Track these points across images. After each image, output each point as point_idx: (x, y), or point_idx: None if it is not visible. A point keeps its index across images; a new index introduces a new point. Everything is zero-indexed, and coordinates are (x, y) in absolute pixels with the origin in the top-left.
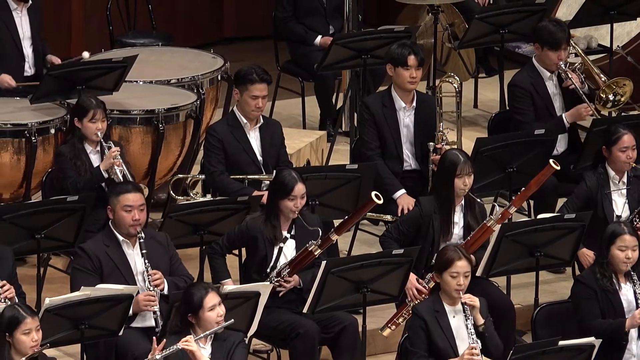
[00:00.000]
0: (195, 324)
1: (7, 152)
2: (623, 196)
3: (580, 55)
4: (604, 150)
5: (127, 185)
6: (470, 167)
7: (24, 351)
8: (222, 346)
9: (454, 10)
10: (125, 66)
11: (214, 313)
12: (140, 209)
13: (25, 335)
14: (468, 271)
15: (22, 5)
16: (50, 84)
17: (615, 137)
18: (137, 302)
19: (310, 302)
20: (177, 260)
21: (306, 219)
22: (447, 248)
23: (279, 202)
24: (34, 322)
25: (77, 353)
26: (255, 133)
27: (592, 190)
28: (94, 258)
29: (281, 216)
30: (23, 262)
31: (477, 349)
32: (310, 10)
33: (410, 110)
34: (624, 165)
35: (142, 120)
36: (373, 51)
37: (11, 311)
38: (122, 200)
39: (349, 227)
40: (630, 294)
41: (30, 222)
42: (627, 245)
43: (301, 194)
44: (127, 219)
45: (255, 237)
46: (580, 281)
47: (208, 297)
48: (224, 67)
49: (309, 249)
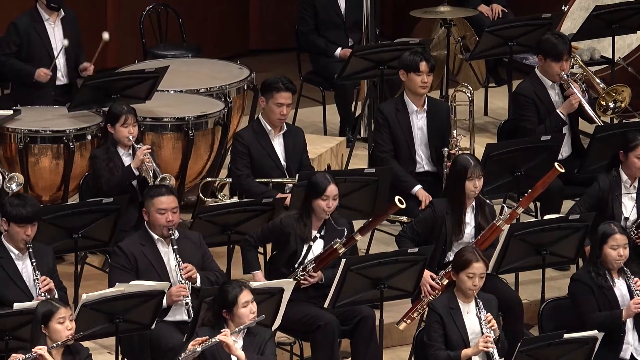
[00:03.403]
0: (229, 319)
1: (46, 157)
2: (633, 200)
3: (581, 65)
4: (620, 155)
5: (161, 188)
6: (480, 170)
7: (60, 339)
8: (253, 341)
9: (466, 24)
10: (157, 76)
11: (247, 309)
12: (174, 211)
13: (60, 324)
14: (483, 272)
15: (54, 16)
16: (87, 93)
17: (633, 144)
18: (170, 295)
19: (331, 298)
20: (209, 257)
21: (335, 220)
22: (465, 249)
23: (312, 202)
24: (67, 312)
25: (112, 345)
26: (279, 139)
27: (604, 191)
28: (130, 256)
29: (313, 216)
30: (61, 260)
31: (490, 337)
32: (330, 24)
33: (422, 113)
34: (637, 171)
35: (173, 127)
36: (389, 62)
37: (44, 306)
38: (156, 203)
39: (372, 228)
40: (623, 288)
41: (68, 222)
42: (619, 244)
43: (333, 195)
44: (161, 221)
45: (288, 233)
46: (576, 279)
47: (242, 294)
48: (250, 77)
49: (334, 246)
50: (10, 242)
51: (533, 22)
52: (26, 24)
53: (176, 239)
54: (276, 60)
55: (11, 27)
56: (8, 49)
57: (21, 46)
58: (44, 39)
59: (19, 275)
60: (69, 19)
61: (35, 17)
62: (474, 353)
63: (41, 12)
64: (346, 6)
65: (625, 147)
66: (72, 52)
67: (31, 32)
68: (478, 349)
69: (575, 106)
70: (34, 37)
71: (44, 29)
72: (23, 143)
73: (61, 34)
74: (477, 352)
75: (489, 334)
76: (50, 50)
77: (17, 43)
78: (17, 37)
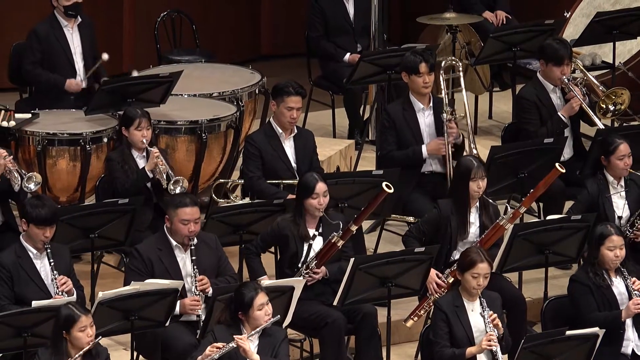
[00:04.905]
0: (244, 320)
1: (64, 159)
2: (623, 198)
3: (581, 70)
4: (602, 160)
5: (185, 198)
6: (484, 171)
7: (81, 346)
8: (268, 341)
9: (471, 30)
10: (172, 81)
11: (262, 312)
12: (196, 221)
13: (81, 332)
14: (488, 273)
15: (72, 22)
16: (103, 97)
17: (612, 147)
18: (184, 305)
19: (340, 296)
20: (225, 260)
21: (330, 216)
22: (470, 250)
23: (304, 201)
24: (88, 320)
25: (128, 342)
26: (290, 142)
27: (593, 195)
28: (147, 260)
29: (308, 215)
30: (78, 260)
31: (494, 336)
32: (339, 30)
33: (428, 110)
34: (622, 171)
35: (186, 130)
36: (397, 67)
37: (67, 310)
38: (180, 213)
39: (365, 217)
40: (621, 286)
41: (85, 223)
42: (615, 245)
43: (323, 192)
44: (183, 231)
45: (286, 236)
46: (575, 280)
47: (258, 297)
48: (261, 81)
49: (332, 240)
50: (29, 242)
51: (536, 28)
52: (46, 30)
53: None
54: (287, 65)
55: (32, 34)
56: (33, 56)
57: (43, 53)
58: (64, 45)
59: (37, 274)
60: (85, 25)
61: (54, 24)
62: (477, 351)
63: (59, 19)
64: (355, 13)
65: (606, 151)
66: (90, 57)
67: (51, 38)
68: (482, 347)
69: (576, 109)
70: (55, 44)
71: (64, 35)
72: (41, 145)
73: (79, 40)
74: (481, 351)
75: (493, 332)
76: (70, 56)
77: (40, 50)
78: (39, 44)
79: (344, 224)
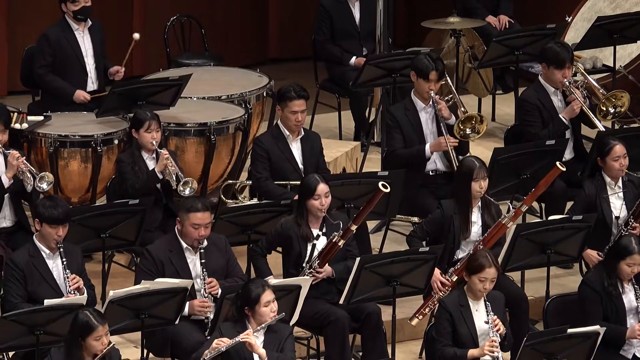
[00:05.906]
0: (250, 316)
1: (75, 160)
2: (620, 199)
3: (582, 73)
4: (598, 161)
5: (197, 203)
6: (485, 171)
7: (94, 352)
8: (274, 337)
9: (474, 34)
10: (181, 84)
11: (268, 308)
12: (206, 226)
13: (96, 341)
14: (495, 277)
15: (82, 26)
16: (114, 99)
17: (607, 148)
18: (193, 307)
19: (346, 294)
20: (234, 261)
21: (331, 216)
22: (479, 254)
23: (306, 202)
24: (104, 329)
25: (138, 340)
26: (296, 144)
27: (590, 196)
28: (158, 261)
29: (311, 216)
30: (89, 259)
31: (496, 341)
32: (345, 33)
33: (429, 108)
34: (618, 172)
35: (196, 132)
36: (402, 70)
37: (84, 317)
38: (191, 218)
39: (364, 216)
40: (631, 294)
41: (96, 223)
42: (635, 262)
43: (324, 193)
44: (194, 235)
45: (289, 236)
46: (588, 284)
47: (264, 294)
48: (269, 84)
49: (333, 240)
50: (42, 242)
51: (538, 32)
52: (57, 34)
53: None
54: (294, 69)
55: (43, 38)
56: (44, 60)
57: (54, 56)
58: (75, 48)
59: (49, 273)
60: (95, 28)
61: (65, 27)
62: (479, 354)
63: (70, 22)
64: (361, 17)
65: (602, 152)
66: (101, 60)
67: (63, 42)
68: (483, 352)
69: (577, 111)
70: (66, 47)
71: (75, 38)
72: (53, 147)
73: (90, 43)
74: (483, 355)
75: (495, 337)
76: (81, 59)
77: (51, 54)
78: (50, 48)
79: (345, 223)
